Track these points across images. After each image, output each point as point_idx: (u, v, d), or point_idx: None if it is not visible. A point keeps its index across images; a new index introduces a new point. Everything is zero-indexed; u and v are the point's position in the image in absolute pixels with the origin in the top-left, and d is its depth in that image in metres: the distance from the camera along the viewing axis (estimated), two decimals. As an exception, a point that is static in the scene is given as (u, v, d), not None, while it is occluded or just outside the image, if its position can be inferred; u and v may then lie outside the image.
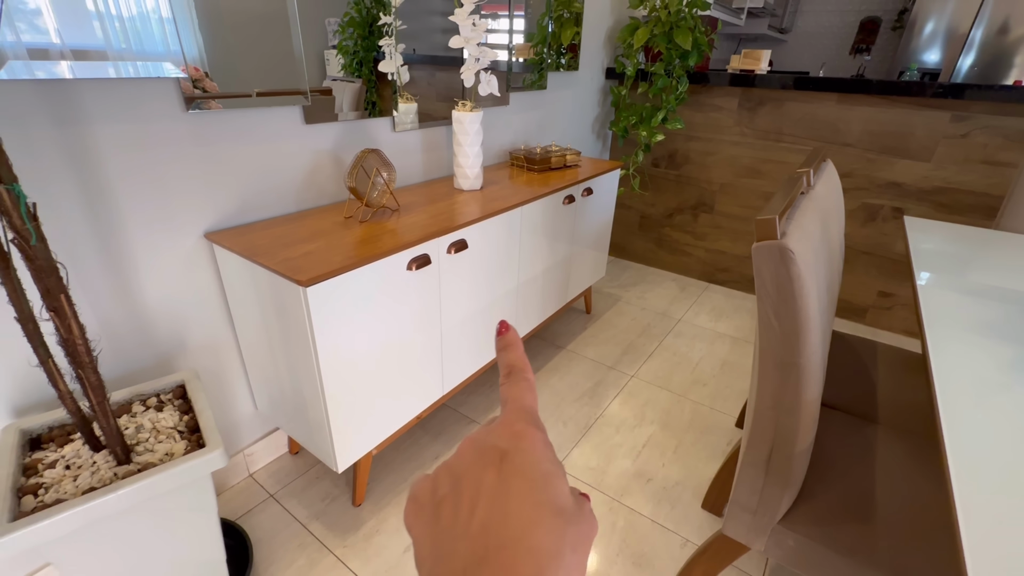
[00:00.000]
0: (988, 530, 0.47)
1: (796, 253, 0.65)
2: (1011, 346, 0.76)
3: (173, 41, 0.94)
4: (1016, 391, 0.66)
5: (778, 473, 0.77)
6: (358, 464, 1.26)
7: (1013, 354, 0.74)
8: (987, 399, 0.65)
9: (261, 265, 0.98)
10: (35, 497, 0.76)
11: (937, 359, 0.71)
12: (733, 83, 2.23)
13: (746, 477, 0.81)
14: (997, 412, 0.62)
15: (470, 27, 1.32)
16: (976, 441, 0.57)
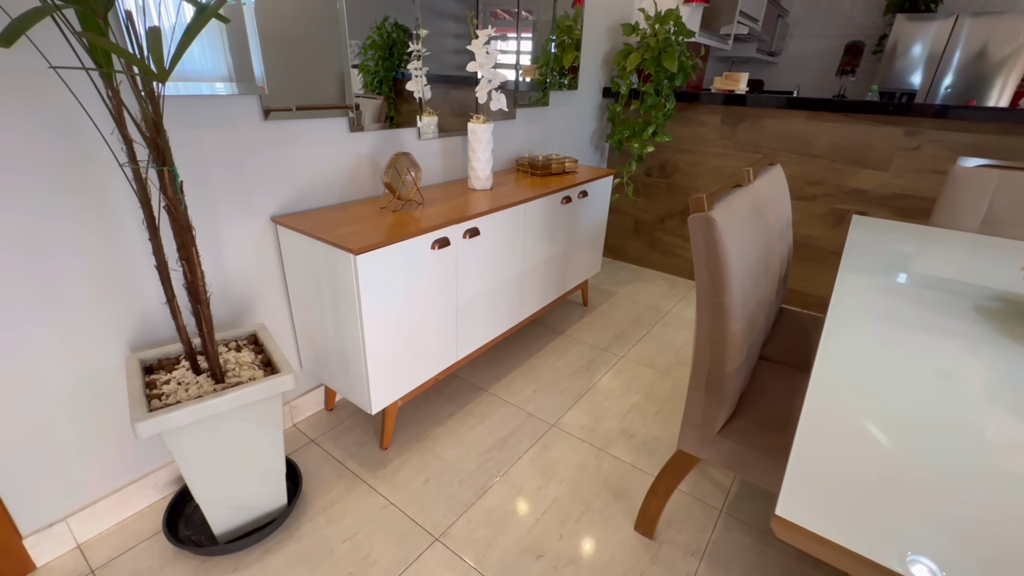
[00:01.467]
0: (817, 433, 0.72)
1: (718, 221, 0.91)
2: (894, 302, 1.01)
3: (258, 67, 1.23)
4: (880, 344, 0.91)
5: (715, 392, 1.02)
6: (386, 412, 1.51)
7: (892, 309, 0.99)
8: (858, 350, 0.90)
9: (319, 239, 1.25)
10: (159, 401, 1.02)
11: (832, 319, 0.97)
12: (714, 101, 2.52)
13: (692, 399, 1.06)
14: (859, 357, 0.88)
15: (484, 54, 1.61)
16: (835, 374, 0.83)
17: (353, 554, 1.22)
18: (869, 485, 0.56)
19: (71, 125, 0.97)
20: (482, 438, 1.62)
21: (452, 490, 1.42)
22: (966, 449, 0.62)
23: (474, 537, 1.28)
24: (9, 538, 1.09)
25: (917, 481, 0.57)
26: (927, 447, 0.63)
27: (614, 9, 2.62)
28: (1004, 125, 1.95)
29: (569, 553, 1.24)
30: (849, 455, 0.61)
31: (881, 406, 0.70)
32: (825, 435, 0.64)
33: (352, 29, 1.49)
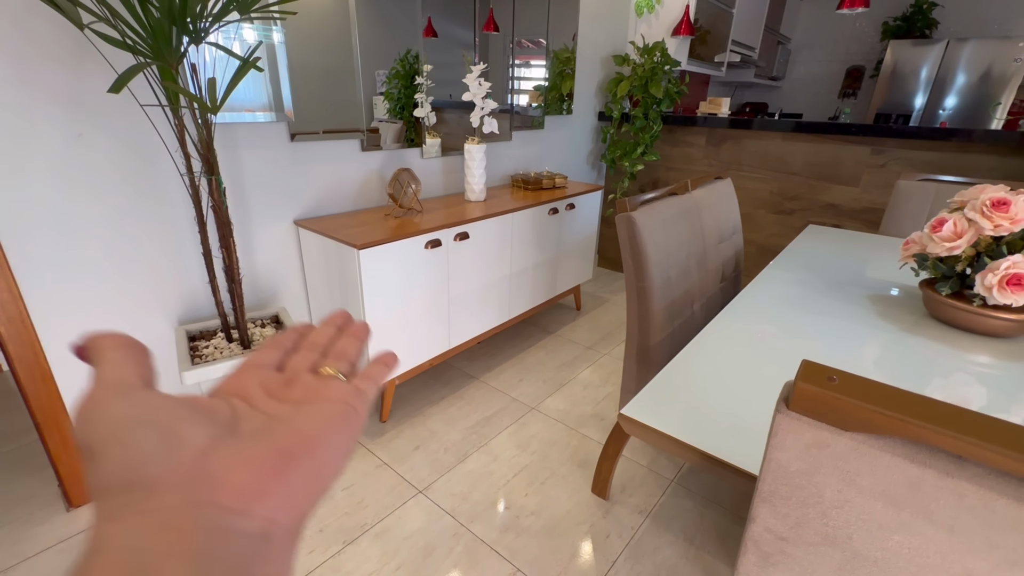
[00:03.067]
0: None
1: (638, 220, 1.14)
2: (800, 290, 1.21)
3: (287, 97, 1.54)
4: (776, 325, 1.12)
5: (644, 362, 1.23)
6: (386, 389, 1.76)
7: (795, 296, 1.19)
8: (745, 322, 1.10)
9: (332, 238, 1.52)
10: (200, 359, 1.30)
11: (739, 300, 1.17)
12: (696, 124, 2.74)
13: (627, 368, 1.27)
14: (743, 327, 1.08)
15: (476, 85, 1.89)
16: (717, 335, 1.03)
17: (350, 499, 1.45)
18: (694, 404, 0.78)
19: (143, 146, 1.28)
20: (468, 416, 1.85)
21: (438, 456, 1.64)
22: (772, 385, 0.83)
23: (451, 492, 1.50)
24: (81, 470, 1.37)
25: (729, 406, 0.78)
26: (746, 385, 0.84)
27: (608, 42, 2.89)
28: (958, 143, 2.11)
29: (531, 507, 1.45)
30: (690, 386, 0.82)
31: (736, 361, 0.91)
32: (683, 372, 0.86)
33: (375, 60, 1.79)
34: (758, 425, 0.76)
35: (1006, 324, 1.00)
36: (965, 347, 1.00)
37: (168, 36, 1.04)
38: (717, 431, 0.74)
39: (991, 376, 0.90)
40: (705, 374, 0.88)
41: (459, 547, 1.31)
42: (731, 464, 0.66)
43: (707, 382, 0.86)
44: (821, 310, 1.14)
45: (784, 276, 1.35)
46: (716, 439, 0.72)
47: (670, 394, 0.82)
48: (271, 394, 0.24)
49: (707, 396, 0.82)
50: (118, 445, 0.18)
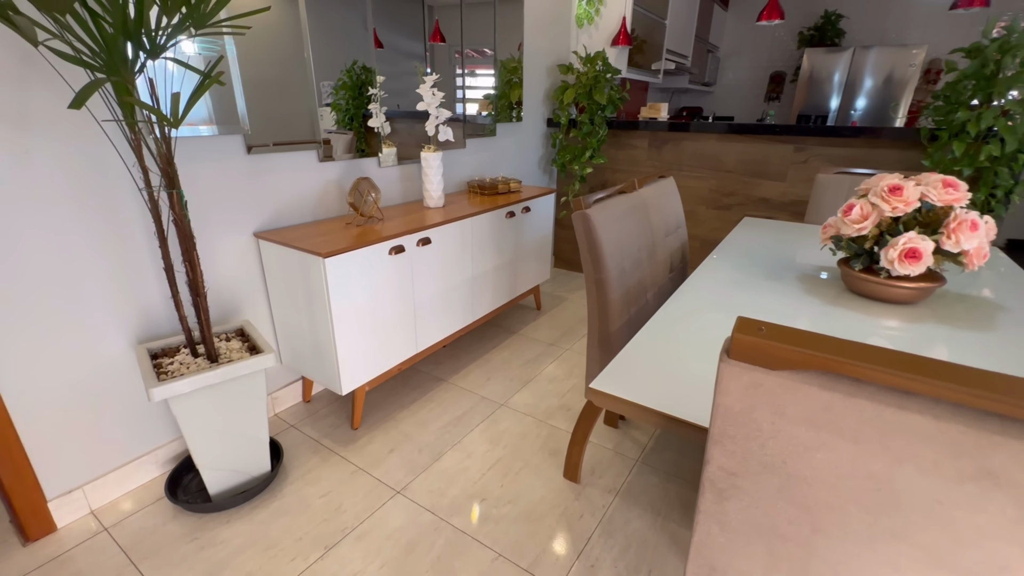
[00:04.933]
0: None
1: (592, 216, 1.23)
2: (738, 274, 1.34)
3: (242, 109, 1.54)
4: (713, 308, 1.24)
5: (605, 347, 1.32)
6: (355, 396, 1.77)
7: (734, 279, 1.32)
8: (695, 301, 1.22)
9: (295, 248, 1.53)
10: (167, 375, 1.28)
11: (688, 284, 1.29)
12: (638, 127, 2.91)
13: (590, 355, 1.36)
14: (693, 306, 1.20)
15: (431, 95, 1.95)
16: (671, 313, 1.14)
17: (327, 506, 1.46)
18: (653, 375, 0.87)
19: (96, 162, 1.25)
20: (440, 417, 1.89)
21: (413, 457, 1.68)
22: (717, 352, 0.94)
23: (429, 489, 1.53)
24: (37, 501, 1.31)
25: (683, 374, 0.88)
26: (696, 356, 0.94)
27: (552, 52, 3.03)
28: (867, 140, 2.37)
29: (508, 496, 1.51)
30: (648, 361, 0.92)
31: (686, 336, 1.02)
32: (641, 349, 0.95)
33: (324, 71, 1.80)
34: (708, 387, 0.86)
35: (907, 292, 1.16)
36: (877, 314, 1.15)
37: (123, 52, 1.04)
38: (675, 396, 0.84)
39: (899, 336, 1.05)
40: (660, 349, 0.98)
41: (441, 540, 1.36)
42: (688, 421, 0.75)
43: (662, 356, 0.96)
44: (757, 289, 1.28)
45: (724, 263, 1.49)
46: (674, 402, 0.81)
47: (631, 368, 0.91)
48: None
49: (663, 367, 0.92)
50: None
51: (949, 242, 1.07)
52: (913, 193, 1.09)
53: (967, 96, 1.98)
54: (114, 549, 1.32)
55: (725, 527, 0.66)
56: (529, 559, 1.30)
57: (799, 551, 0.60)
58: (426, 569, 1.27)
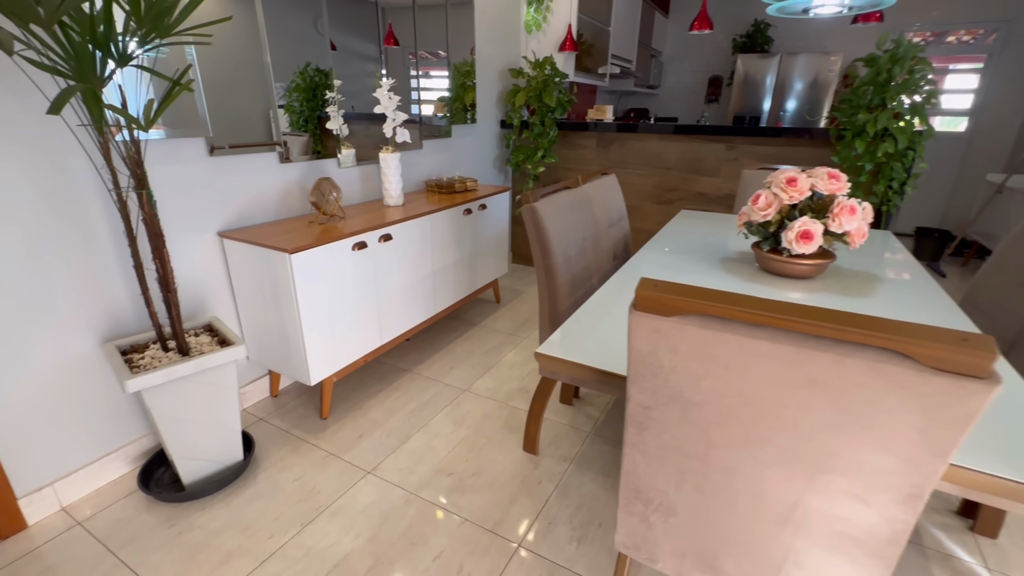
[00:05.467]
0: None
1: (539, 209, 1.38)
2: (671, 259, 1.52)
3: (204, 112, 1.59)
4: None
5: (554, 325, 1.47)
6: (323, 387, 1.85)
7: (666, 262, 1.50)
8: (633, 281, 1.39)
9: (261, 245, 1.60)
10: (139, 369, 1.33)
11: (626, 268, 1.45)
12: (586, 128, 3.10)
13: (543, 333, 1.51)
14: (629, 285, 1.36)
15: (387, 98, 2.05)
16: (609, 292, 1.30)
17: (301, 488, 1.54)
18: (592, 340, 1.02)
19: (60, 165, 1.29)
20: (406, 404, 1.99)
21: (382, 440, 1.77)
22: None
23: (399, 468, 1.64)
24: (7, 498, 1.33)
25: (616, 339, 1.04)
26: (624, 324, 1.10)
27: (503, 56, 3.17)
28: (787, 139, 2.63)
29: (473, 469, 1.64)
30: (588, 329, 1.07)
31: (621, 309, 1.18)
32: (582, 320, 1.10)
33: (277, 73, 1.87)
34: (636, 350, 1.01)
35: (806, 268, 1.36)
36: (783, 288, 1.35)
37: (92, 60, 1.10)
38: (607, 356, 0.99)
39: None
40: (598, 321, 1.13)
41: (411, 511, 1.47)
42: (614, 372, 0.91)
43: (599, 326, 1.11)
44: (684, 271, 1.46)
45: (658, 249, 1.67)
46: (607, 361, 0.97)
47: (573, 337, 1.06)
48: None
49: (600, 335, 1.07)
50: None
51: (834, 224, 1.28)
52: (805, 184, 1.29)
53: (866, 101, 2.26)
54: (90, 541, 1.35)
55: (645, 454, 0.81)
56: (493, 521, 1.43)
57: (699, 464, 0.76)
58: (399, 537, 1.38)
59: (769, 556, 0.77)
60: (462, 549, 1.34)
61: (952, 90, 4.48)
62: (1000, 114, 4.28)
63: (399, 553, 1.33)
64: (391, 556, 1.32)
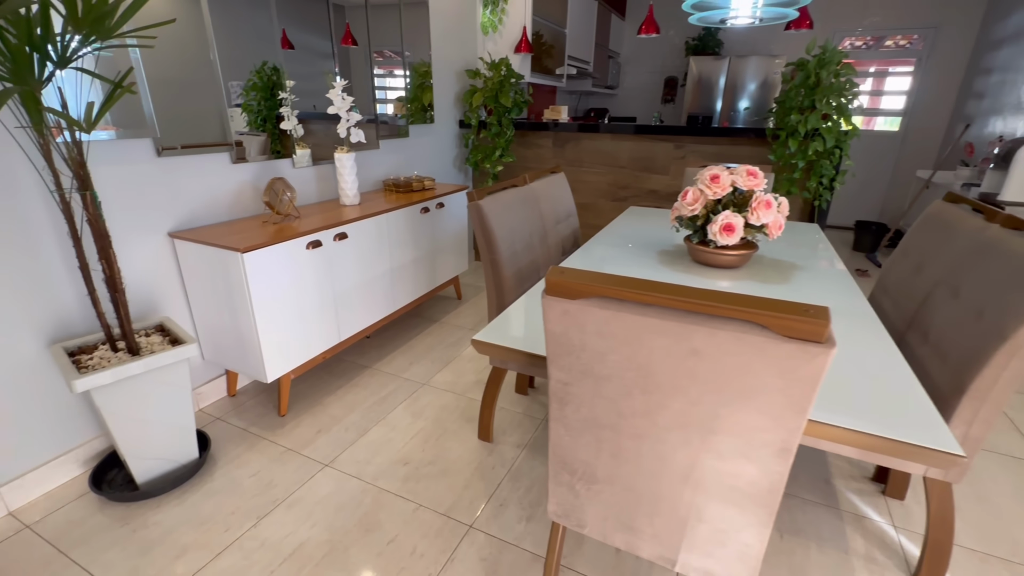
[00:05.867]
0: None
1: (484, 206, 1.45)
2: (612, 251, 1.62)
3: (150, 113, 1.60)
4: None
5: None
6: (281, 384, 1.87)
7: (607, 256, 1.59)
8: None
9: (212, 245, 1.62)
10: (88, 370, 1.34)
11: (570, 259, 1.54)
12: (543, 128, 3.19)
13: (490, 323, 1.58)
14: (571, 266, 1.45)
15: (340, 99, 2.08)
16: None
17: (258, 483, 1.57)
18: (525, 328, 1.10)
19: (2, 167, 1.29)
20: (366, 400, 2.03)
21: (340, 435, 1.81)
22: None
23: (356, 460, 1.69)
24: (-50, 504, 1.32)
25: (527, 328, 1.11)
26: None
27: (460, 57, 3.22)
28: (729, 138, 2.78)
29: (429, 458, 1.70)
30: (522, 318, 1.14)
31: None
32: (518, 310, 1.18)
33: (233, 71, 1.87)
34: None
35: (732, 258, 1.48)
36: (712, 277, 1.46)
37: (29, 62, 1.11)
38: (538, 341, 1.07)
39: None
40: (532, 309, 1.21)
41: (368, 499, 1.52)
42: (538, 354, 0.99)
43: (534, 314, 1.19)
44: (623, 263, 1.56)
45: (602, 243, 1.76)
46: (538, 346, 1.04)
47: (510, 325, 1.13)
48: None
49: (533, 322, 1.15)
50: None
51: (753, 217, 1.39)
52: (727, 180, 1.40)
53: (797, 103, 2.42)
54: (39, 543, 1.35)
55: (567, 427, 0.89)
56: (447, 505, 1.50)
57: (612, 434, 0.85)
58: (354, 524, 1.43)
59: (676, 513, 0.86)
60: (415, 532, 1.40)
61: (889, 92, 4.77)
62: (929, 114, 4.59)
63: (354, 539, 1.38)
64: (346, 542, 1.37)
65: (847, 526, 1.45)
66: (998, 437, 1.85)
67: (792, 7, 2.26)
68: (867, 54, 4.73)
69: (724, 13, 2.30)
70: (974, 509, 1.52)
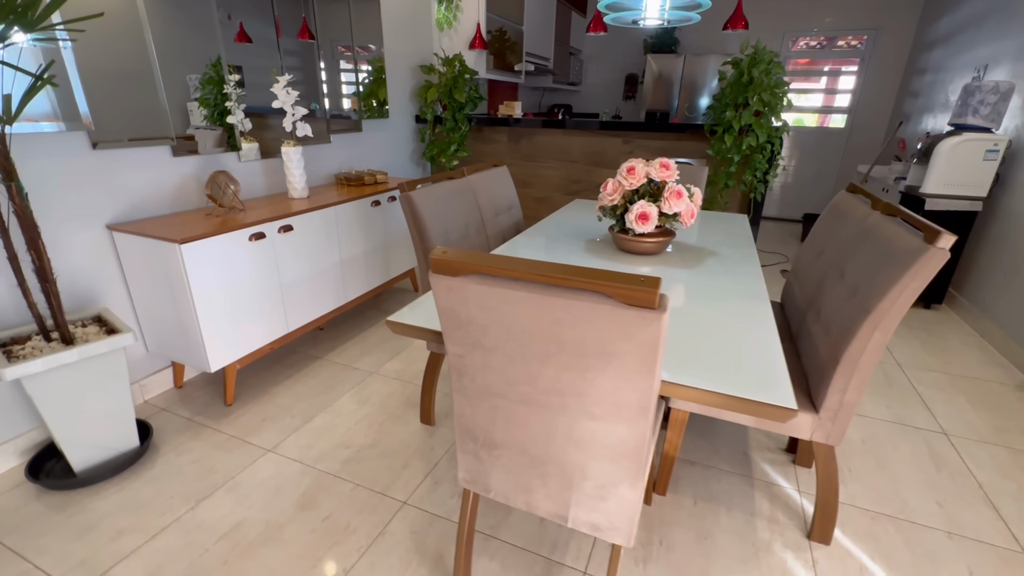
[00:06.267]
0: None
1: (415, 197, 1.51)
2: (542, 240, 1.70)
3: (83, 106, 1.61)
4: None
5: (437, 305, 1.61)
6: (226, 373, 1.91)
7: (538, 244, 1.67)
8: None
9: (150, 237, 1.64)
10: (19, 359, 1.36)
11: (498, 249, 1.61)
12: (499, 123, 3.26)
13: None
14: (498, 254, 1.53)
15: (285, 94, 2.11)
16: (477, 260, 1.46)
17: (199, 469, 1.61)
18: (431, 309, 1.17)
19: (-77, 158, 1.29)
20: (313, 388, 2.08)
21: (285, 422, 1.86)
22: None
23: (299, 445, 1.73)
24: None
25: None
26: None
27: (415, 53, 3.27)
28: (674, 133, 2.90)
29: (370, 442, 1.76)
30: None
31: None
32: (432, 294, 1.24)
33: (188, 65, 1.90)
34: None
35: (650, 245, 1.58)
36: (635, 264, 1.56)
37: (-53, 54, 1.13)
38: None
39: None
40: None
41: (307, 481, 1.57)
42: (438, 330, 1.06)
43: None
44: (552, 251, 1.64)
45: (538, 234, 1.84)
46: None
47: (426, 306, 1.20)
48: None
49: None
50: None
51: (666, 206, 1.49)
52: (641, 172, 1.50)
53: (732, 99, 2.54)
54: (-28, 531, 1.37)
55: (467, 397, 0.97)
56: (383, 485, 1.56)
57: (504, 401, 0.93)
58: (292, 504, 1.48)
59: (564, 472, 0.95)
60: (351, 510, 1.46)
61: (835, 90, 4.99)
62: (872, 112, 4.81)
63: (289, 518, 1.43)
64: (282, 521, 1.42)
65: (756, 492, 1.57)
66: (907, 410, 2.01)
67: (695, 11, 2.43)
68: (817, 53, 4.94)
69: (636, 14, 2.41)
70: (873, 474, 1.66)
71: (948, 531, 1.44)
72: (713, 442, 1.79)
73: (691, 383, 0.90)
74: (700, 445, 1.78)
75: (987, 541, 1.41)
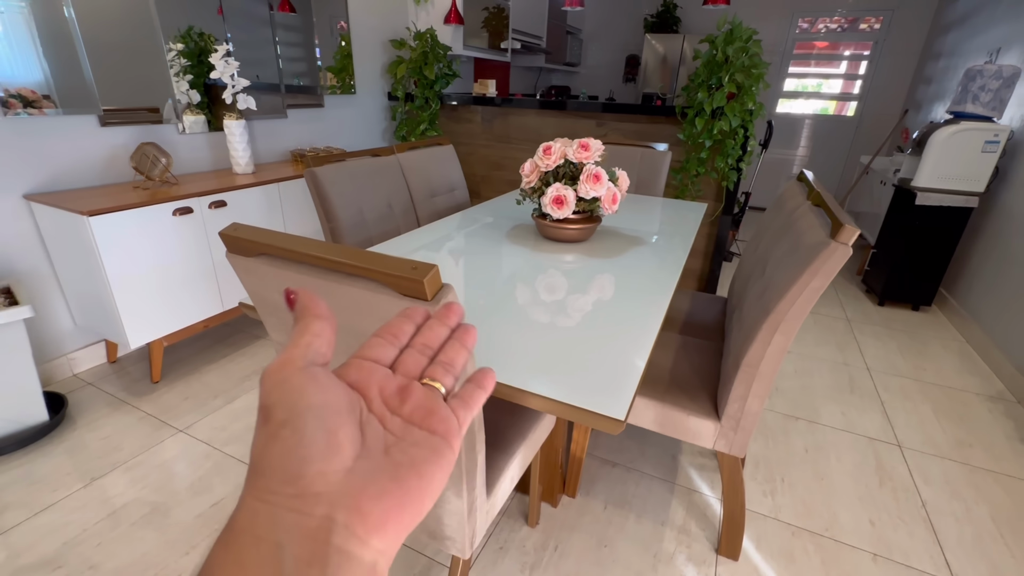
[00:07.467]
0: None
1: (319, 174, 1.43)
2: (474, 228, 1.60)
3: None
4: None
5: (347, 289, 1.54)
6: (152, 350, 1.87)
7: (467, 232, 1.58)
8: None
9: (62, 208, 1.60)
10: (-95, 329, 1.33)
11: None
12: (472, 103, 3.14)
13: (339, 296, 1.57)
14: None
15: (223, 65, 2.04)
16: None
17: (105, 446, 1.58)
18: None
19: None
20: (246, 369, 2.04)
21: (206, 402, 1.82)
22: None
23: (212, 427, 1.70)
24: None
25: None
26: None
27: (387, 27, 3.15)
28: (647, 116, 2.75)
29: (286, 427, 1.71)
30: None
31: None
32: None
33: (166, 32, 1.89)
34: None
35: (573, 232, 1.47)
36: (559, 251, 1.45)
37: None
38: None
39: (572, 268, 1.32)
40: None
41: (208, 464, 1.53)
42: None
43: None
44: (477, 236, 1.54)
45: (474, 218, 1.75)
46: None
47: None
48: (386, 400, 0.25)
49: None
50: (291, 429, 0.20)
51: (582, 190, 1.38)
52: (558, 152, 1.38)
53: (705, 80, 2.38)
54: None
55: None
56: (285, 471, 1.51)
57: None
58: (185, 487, 1.44)
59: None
60: (243, 496, 1.42)
61: (842, 76, 4.70)
62: (884, 98, 4.53)
63: (179, 501, 1.39)
64: (170, 504, 1.38)
65: (675, 499, 1.48)
66: (862, 418, 1.88)
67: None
68: (827, 37, 4.65)
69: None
70: (808, 485, 1.55)
71: (874, 552, 1.33)
72: (642, 444, 1.69)
73: (535, 388, 0.81)
74: (628, 446, 1.68)
75: (915, 567, 1.29)
